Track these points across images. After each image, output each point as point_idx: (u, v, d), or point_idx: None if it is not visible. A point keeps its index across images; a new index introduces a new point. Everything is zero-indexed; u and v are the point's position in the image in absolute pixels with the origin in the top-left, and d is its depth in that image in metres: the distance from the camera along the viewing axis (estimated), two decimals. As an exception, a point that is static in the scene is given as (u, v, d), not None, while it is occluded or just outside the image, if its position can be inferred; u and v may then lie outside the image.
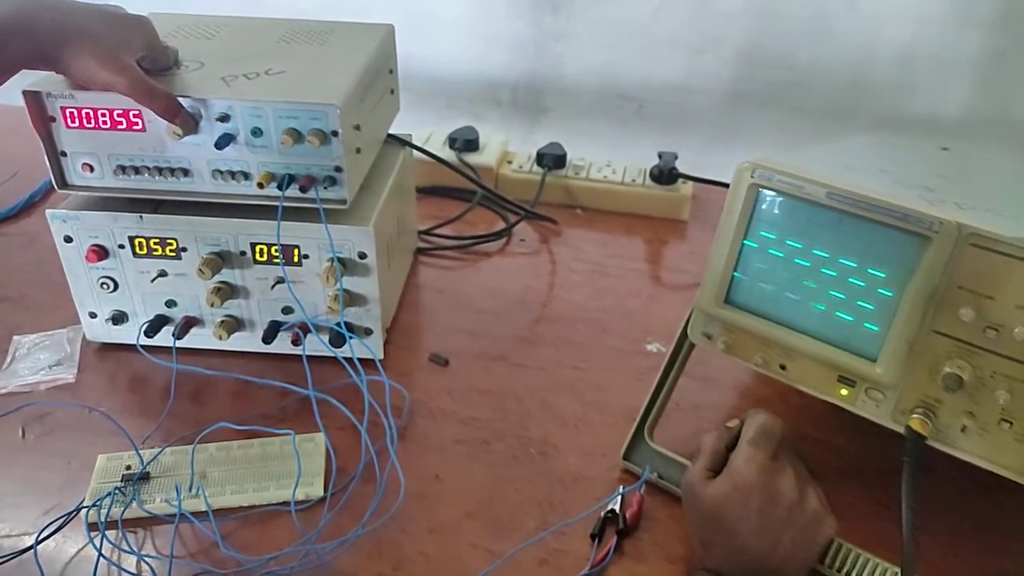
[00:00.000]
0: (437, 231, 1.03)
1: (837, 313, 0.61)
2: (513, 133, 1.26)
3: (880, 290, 0.58)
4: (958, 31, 1.20)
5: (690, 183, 1.08)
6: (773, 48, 1.29)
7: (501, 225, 1.06)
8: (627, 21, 1.33)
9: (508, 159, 1.14)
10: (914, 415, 0.59)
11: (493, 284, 0.96)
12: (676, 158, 1.09)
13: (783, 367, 0.64)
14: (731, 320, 0.65)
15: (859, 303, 0.60)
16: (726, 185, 0.63)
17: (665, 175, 1.07)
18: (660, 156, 1.09)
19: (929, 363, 0.58)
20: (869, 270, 0.59)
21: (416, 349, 0.85)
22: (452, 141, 1.13)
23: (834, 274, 0.60)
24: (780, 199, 0.61)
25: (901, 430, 0.60)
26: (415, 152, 0.94)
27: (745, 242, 0.63)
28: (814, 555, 0.59)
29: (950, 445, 0.59)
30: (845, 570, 0.60)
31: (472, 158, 1.12)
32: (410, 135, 0.92)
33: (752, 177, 0.61)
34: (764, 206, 0.62)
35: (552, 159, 1.10)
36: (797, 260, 0.61)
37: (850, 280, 0.59)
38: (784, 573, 0.57)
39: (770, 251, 0.63)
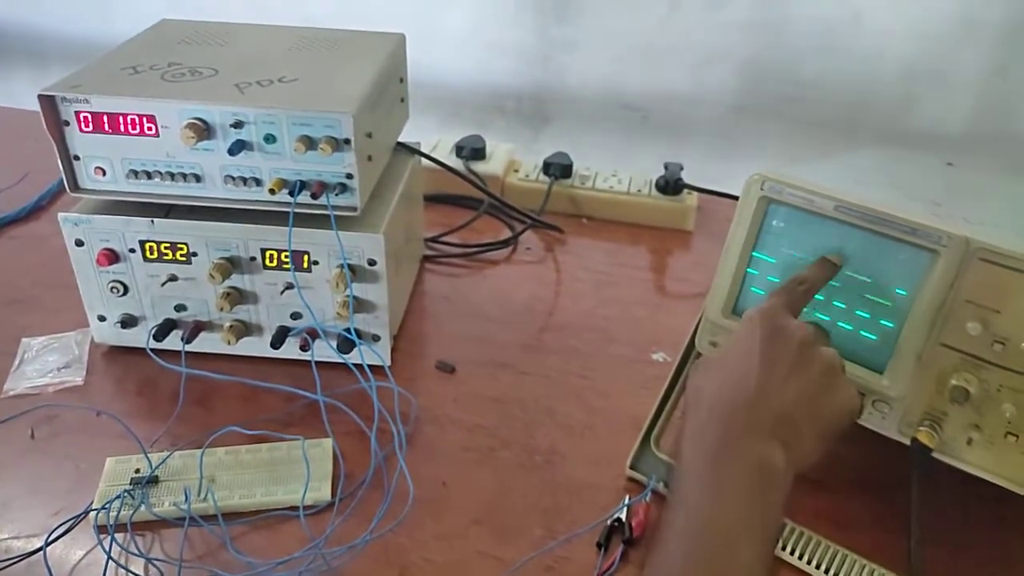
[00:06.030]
0: (444, 239, 1.03)
1: (844, 325, 0.61)
2: (517, 142, 1.26)
3: (887, 303, 0.59)
4: (961, 47, 1.21)
5: (695, 194, 1.09)
6: (778, 62, 1.30)
7: (507, 233, 1.06)
8: (633, 32, 1.33)
9: (515, 168, 1.15)
10: (921, 427, 0.59)
11: (499, 292, 0.96)
12: (682, 169, 1.09)
13: (790, 378, 0.65)
14: (739, 331, 0.66)
15: (866, 315, 0.60)
16: (731, 196, 0.64)
17: (671, 185, 1.08)
18: (666, 167, 1.10)
19: (936, 376, 0.58)
20: (877, 283, 0.59)
21: (422, 356, 0.85)
22: (459, 149, 1.14)
23: (842, 287, 0.61)
24: (790, 211, 0.61)
25: (907, 442, 0.60)
26: (423, 160, 0.94)
27: (754, 253, 0.64)
28: (832, 417, 0.53)
29: (956, 457, 0.59)
30: (851, 581, 0.61)
31: (479, 166, 1.12)
32: (418, 143, 0.93)
33: (762, 189, 0.62)
34: (773, 218, 0.62)
35: (559, 168, 1.11)
36: (805, 272, 0.62)
37: (858, 292, 0.60)
38: (794, 423, 0.51)
39: (779, 263, 0.63)
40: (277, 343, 0.78)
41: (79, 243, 0.75)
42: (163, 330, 0.78)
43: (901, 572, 0.60)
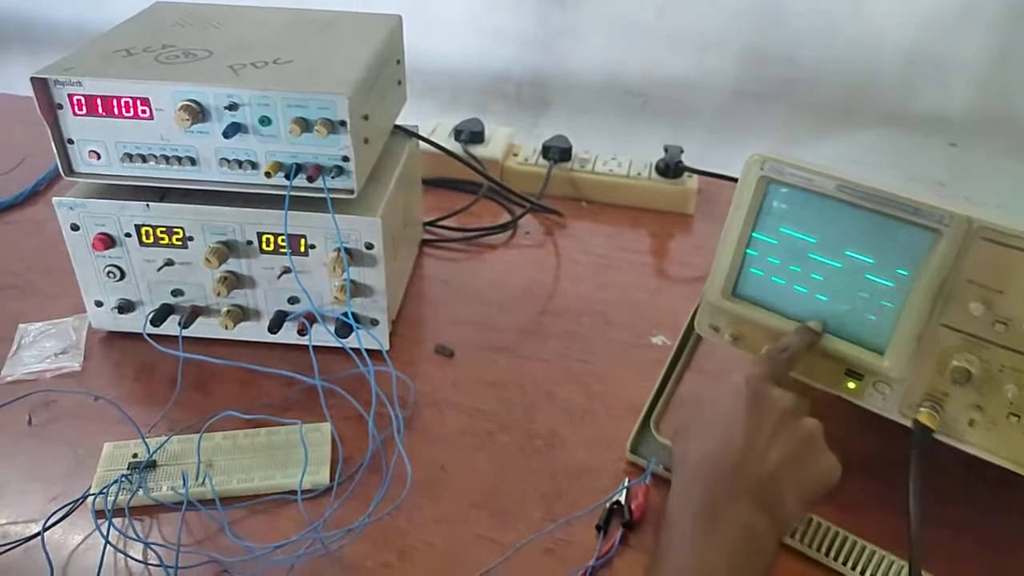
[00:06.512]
0: (442, 223, 1.03)
1: (845, 306, 0.61)
2: (517, 126, 1.26)
3: (889, 283, 0.58)
4: (962, 31, 1.20)
5: (696, 177, 1.08)
6: (778, 46, 1.29)
7: (506, 217, 1.05)
8: (633, 17, 1.33)
9: (514, 151, 1.14)
10: (922, 408, 0.59)
11: (498, 276, 0.96)
12: (682, 152, 1.08)
13: (790, 360, 0.64)
14: (738, 313, 0.65)
15: (868, 296, 0.60)
16: (732, 179, 0.64)
17: (671, 168, 1.07)
18: (666, 150, 1.09)
19: (937, 356, 0.58)
20: (878, 263, 0.59)
21: (421, 340, 0.85)
22: (458, 133, 1.13)
23: (843, 267, 0.60)
24: (790, 192, 0.61)
25: (908, 423, 0.60)
26: (421, 143, 0.94)
27: (753, 235, 0.63)
28: (813, 482, 0.54)
29: (957, 439, 0.59)
30: (851, 563, 0.61)
31: (477, 150, 1.11)
32: (416, 126, 0.92)
33: (762, 170, 0.61)
34: (773, 199, 0.62)
35: (558, 152, 1.10)
36: (806, 253, 0.61)
37: (859, 273, 0.60)
38: (776, 488, 0.52)
39: (778, 244, 0.63)
40: (275, 328, 0.78)
41: (75, 228, 0.75)
42: (160, 315, 0.78)
43: (904, 554, 0.60)
